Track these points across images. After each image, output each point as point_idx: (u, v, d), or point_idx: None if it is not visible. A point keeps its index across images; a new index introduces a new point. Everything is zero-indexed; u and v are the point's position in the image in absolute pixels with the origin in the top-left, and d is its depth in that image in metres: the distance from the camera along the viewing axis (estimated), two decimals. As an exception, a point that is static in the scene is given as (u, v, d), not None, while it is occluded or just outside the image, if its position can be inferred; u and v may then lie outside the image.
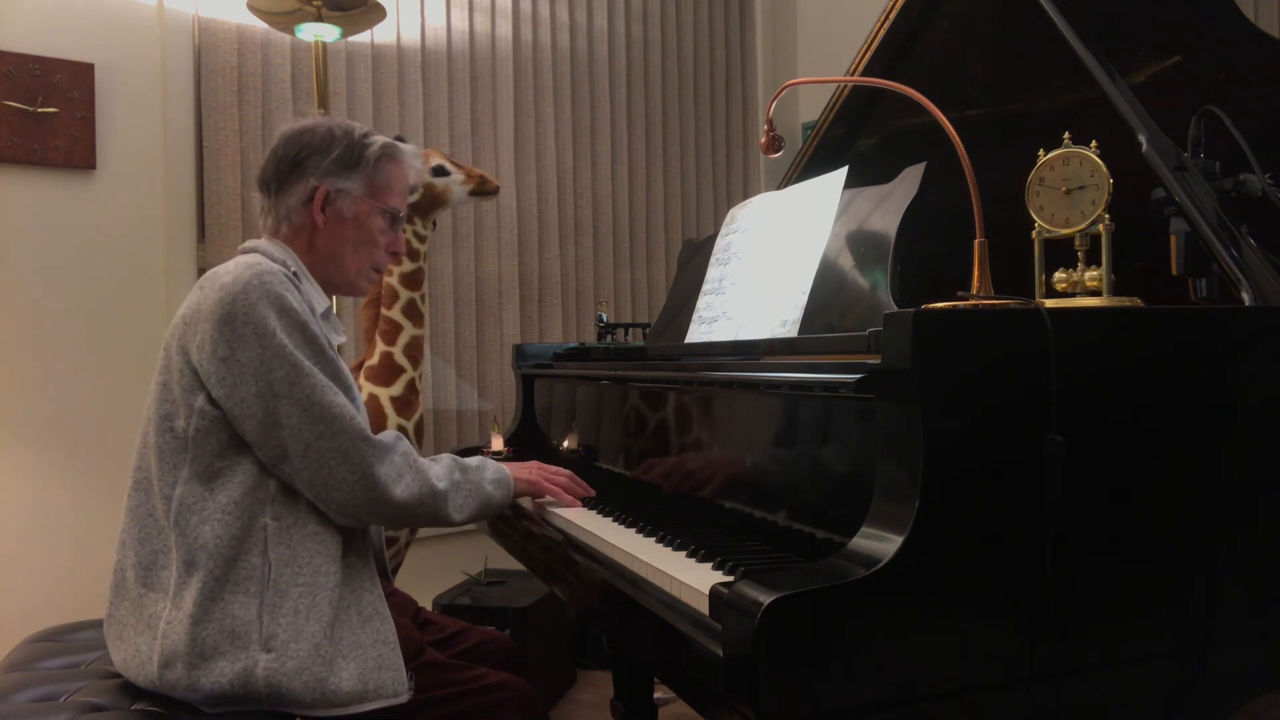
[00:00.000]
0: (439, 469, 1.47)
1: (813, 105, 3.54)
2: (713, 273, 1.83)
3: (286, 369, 1.32)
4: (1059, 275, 1.31)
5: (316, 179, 1.49)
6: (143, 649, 1.32)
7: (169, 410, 1.38)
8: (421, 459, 1.46)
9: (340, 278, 1.55)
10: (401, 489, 1.39)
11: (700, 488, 1.49)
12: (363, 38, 3.10)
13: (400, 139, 1.66)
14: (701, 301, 1.82)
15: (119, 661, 1.36)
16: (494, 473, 1.56)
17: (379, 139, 1.55)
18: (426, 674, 1.47)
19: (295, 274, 1.43)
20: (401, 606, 1.68)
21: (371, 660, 1.33)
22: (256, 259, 1.39)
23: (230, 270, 1.36)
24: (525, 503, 1.75)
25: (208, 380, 1.33)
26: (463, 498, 1.48)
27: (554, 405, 2.24)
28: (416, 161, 1.65)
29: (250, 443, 1.35)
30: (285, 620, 1.30)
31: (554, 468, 1.71)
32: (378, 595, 1.42)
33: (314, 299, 1.48)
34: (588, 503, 1.67)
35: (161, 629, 1.30)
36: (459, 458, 1.54)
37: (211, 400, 1.34)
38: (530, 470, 1.66)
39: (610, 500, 1.66)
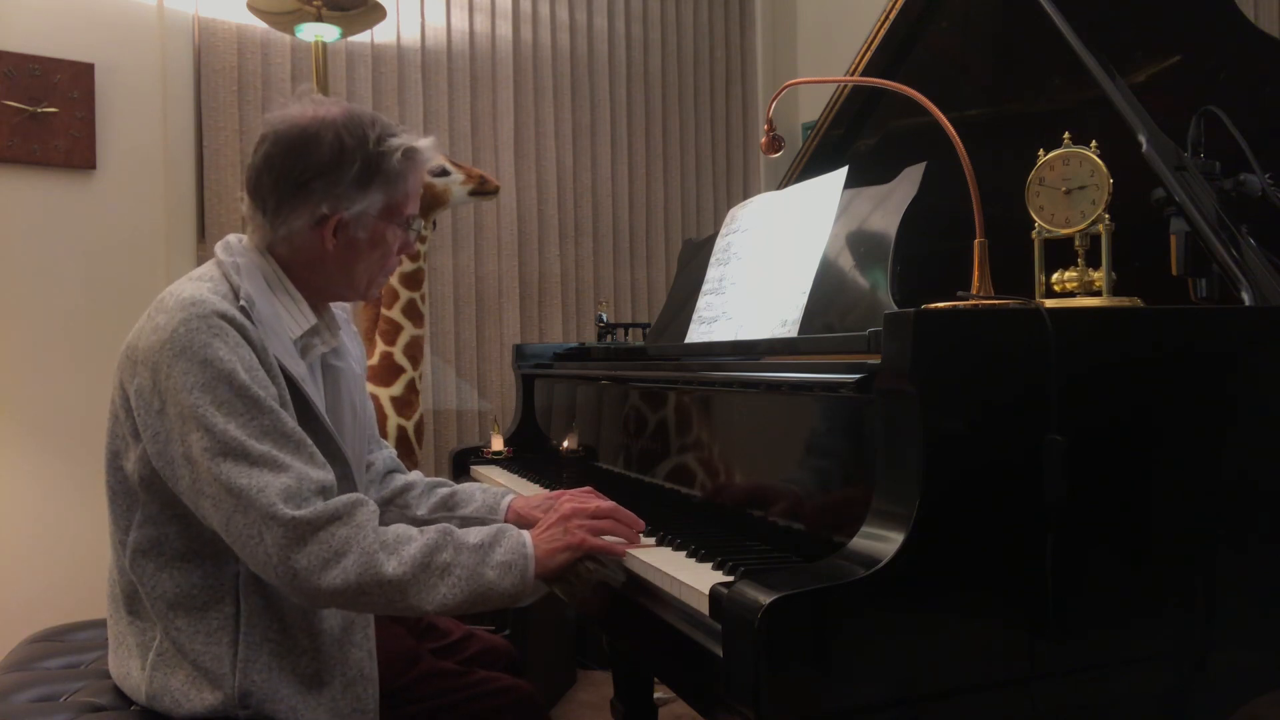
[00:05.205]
0: (412, 548, 1.18)
1: (813, 105, 3.54)
2: (713, 273, 1.83)
3: (200, 432, 1.15)
4: (1059, 275, 1.31)
5: (329, 206, 1.28)
6: (134, 673, 1.28)
7: (118, 447, 1.27)
8: (391, 530, 1.20)
9: (351, 292, 1.38)
10: (334, 575, 1.13)
11: (700, 488, 1.49)
12: (363, 38, 3.10)
13: None
14: (701, 301, 1.82)
15: (116, 674, 1.33)
16: (507, 552, 1.21)
17: (396, 142, 1.32)
18: (428, 681, 1.47)
19: (245, 308, 1.22)
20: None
21: None
22: (200, 292, 1.21)
23: (168, 308, 1.20)
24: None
25: (143, 432, 1.21)
26: (447, 586, 1.17)
27: (554, 405, 2.24)
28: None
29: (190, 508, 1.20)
30: (259, 677, 1.23)
31: (595, 503, 1.36)
32: (367, 652, 1.34)
33: (289, 321, 1.30)
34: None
35: (151, 659, 1.25)
36: (456, 531, 1.23)
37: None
38: (571, 529, 1.28)
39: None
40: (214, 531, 1.21)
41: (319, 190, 1.28)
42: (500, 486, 1.60)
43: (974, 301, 1.12)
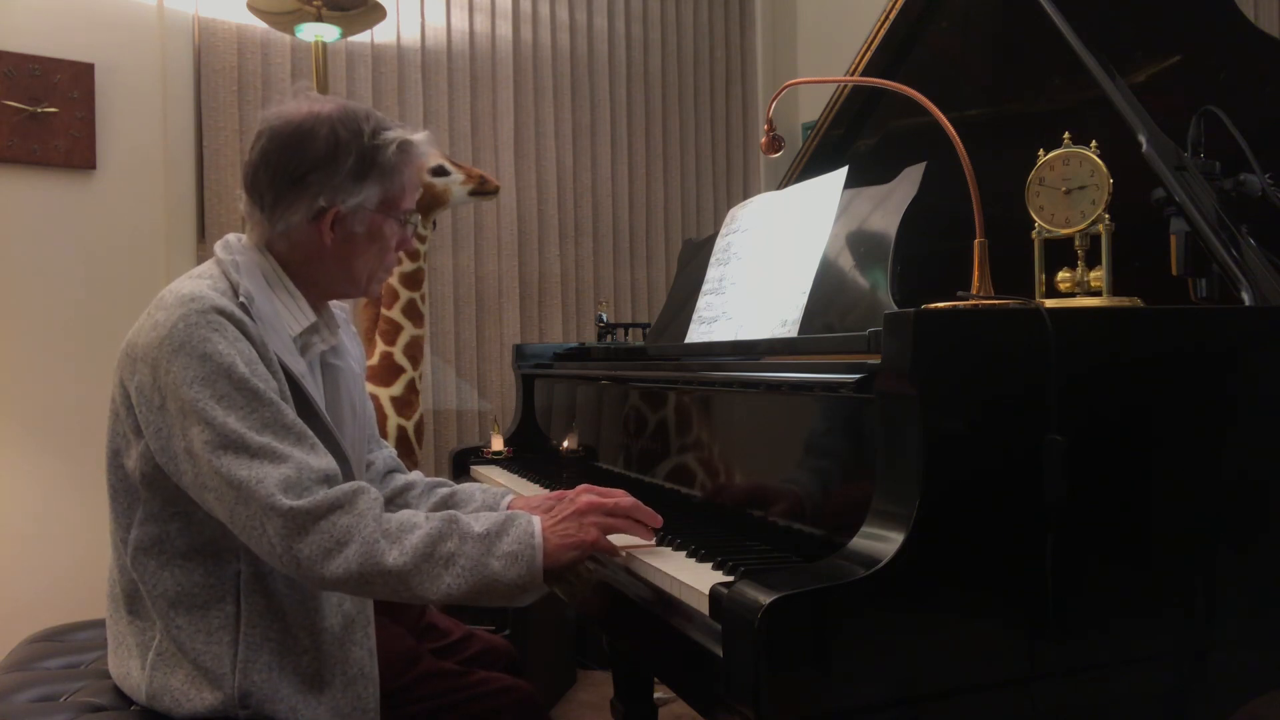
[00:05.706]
0: (415, 537, 1.17)
1: (813, 105, 3.54)
2: (713, 273, 1.83)
3: (201, 426, 1.15)
4: (1060, 275, 1.31)
5: (325, 199, 1.28)
6: (134, 673, 1.28)
7: (119, 445, 1.27)
8: (395, 518, 1.19)
9: (352, 288, 1.39)
10: (337, 565, 1.13)
11: (700, 488, 1.49)
12: (363, 38, 3.11)
13: None
14: (701, 301, 1.82)
15: (116, 674, 1.33)
16: (513, 542, 1.19)
17: (390, 135, 1.32)
18: (428, 681, 1.47)
19: (244, 305, 1.23)
20: (400, 611, 1.67)
21: None
22: (199, 289, 1.22)
23: (167, 304, 1.21)
24: None
25: (145, 429, 1.21)
26: (452, 576, 1.16)
27: (554, 405, 2.24)
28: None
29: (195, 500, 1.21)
30: (259, 676, 1.23)
31: (614, 500, 1.28)
32: (367, 651, 1.35)
33: (289, 318, 1.31)
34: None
35: (150, 659, 1.25)
36: (463, 519, 1.21)
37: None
38: (586, 525, 1.24)
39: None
40: (216, 530, 1.22)
41: (315, 184, 1.28)
42: (500, 486, 1.60)
43: (974, 301, 1.12)
